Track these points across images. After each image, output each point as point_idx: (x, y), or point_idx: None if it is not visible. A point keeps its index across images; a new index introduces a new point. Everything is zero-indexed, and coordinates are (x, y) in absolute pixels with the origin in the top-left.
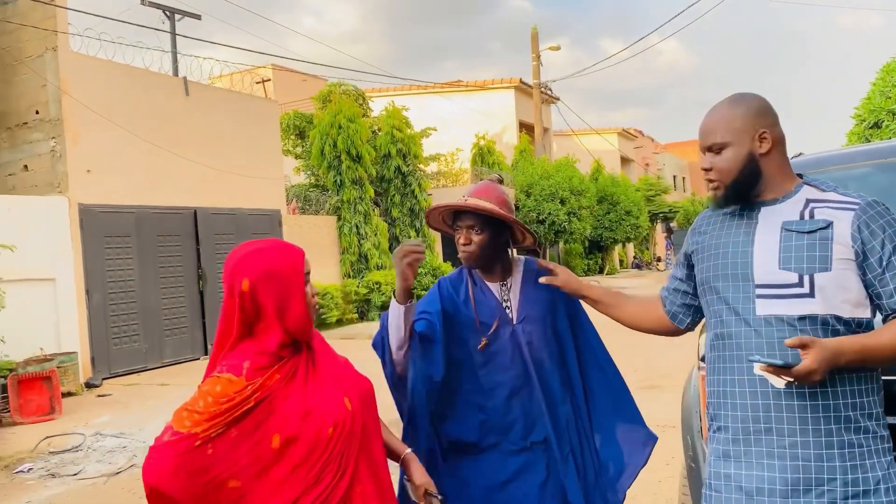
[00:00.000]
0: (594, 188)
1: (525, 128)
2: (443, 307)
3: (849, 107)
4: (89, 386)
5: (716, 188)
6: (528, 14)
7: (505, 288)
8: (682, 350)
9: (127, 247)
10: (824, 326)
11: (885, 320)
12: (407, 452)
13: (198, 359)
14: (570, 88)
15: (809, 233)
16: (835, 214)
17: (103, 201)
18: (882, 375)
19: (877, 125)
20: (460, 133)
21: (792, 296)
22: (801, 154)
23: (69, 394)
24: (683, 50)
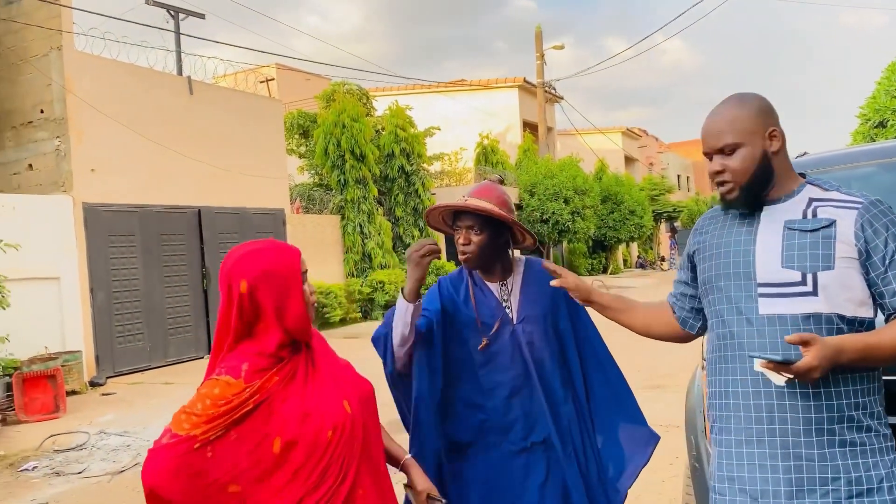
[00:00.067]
0: (598, 187)
1: (529, 127)
2: (442, 306)
3: (854, 106)
4: (93, 384)
5: (730, 190)
6: (531, 13)
7: (505, 288)
8: (685, 350)
9: (131, 246)
10: (828, 325)
11: (888, 319)
12: (407, 458)
13: (202, 357)
14: (574, 88)
15: (812, 231)
16: (838, 213)
17: (107, 200)
18: (883, 375)
19: (882, 124)
20: (464, 132)
21: (795, 294)
22: (806, 153)
23: (73, 392)
24: (687, 49)
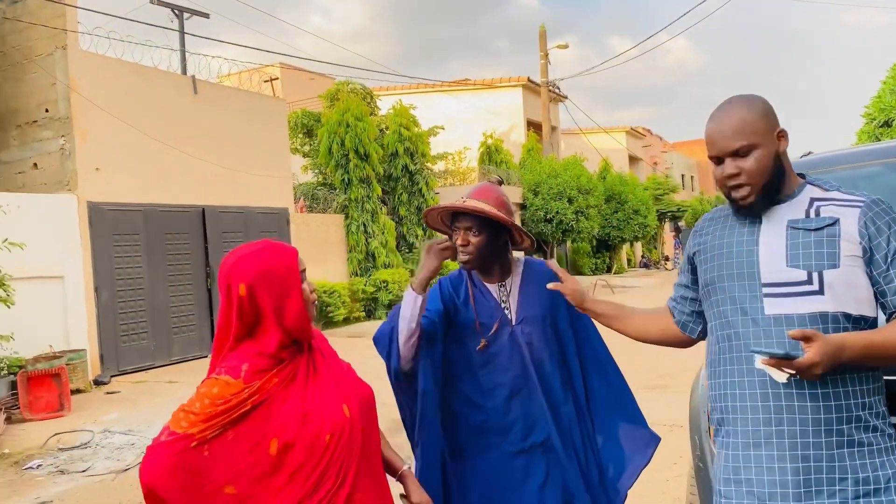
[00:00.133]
0: (602, 187)
1: (533, 126)
2: (444, 306)
3: (857, 105)
4: (98, 383)
5: (747, 194)
6: (535, 12)
7: (504, 289)
8: (689, 349)
9: (135, 245)
10: (834, 325)
11: (889, 318)
12: (404, 469)
13: (206, 356)
14: (578, 87)
15: (816, 230)
16: (841, 211)
17: (112, 199)
18: (884, 375)
19: (887, 124)
20: (468, 131)
21: (801, 293)
22: (811, 153)
23: (78, 391)
24: (692, 48)
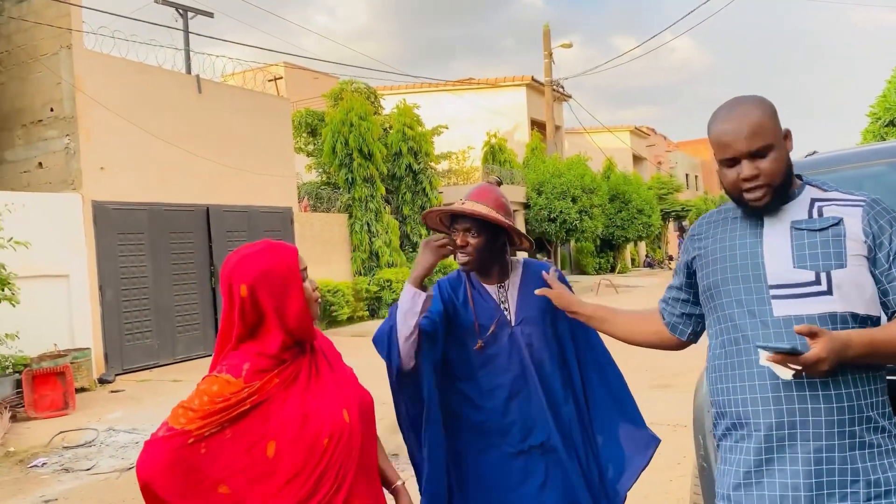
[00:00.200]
0: (606, 186)
1: (537, 125)
2: (444, 308)
3: (864, 104)
4: (102, 382)
5: (762, 195)
6: (539, 11)
7: (503, 290)
8: (692, 349)
9: (140, 244)
10: (843, 325)
11: (891, 318)
12: (398, 484)
13: (210, 355)
14: (582, 86)
15: (821, 230)
16: (843, 211)
17: (116, 198)
18: (888, 375)
19: (892, 123)
20: (472, 131)
21: (809, 294)
22: (816, 152)
23: (82, 389)
24: (696, 48)
